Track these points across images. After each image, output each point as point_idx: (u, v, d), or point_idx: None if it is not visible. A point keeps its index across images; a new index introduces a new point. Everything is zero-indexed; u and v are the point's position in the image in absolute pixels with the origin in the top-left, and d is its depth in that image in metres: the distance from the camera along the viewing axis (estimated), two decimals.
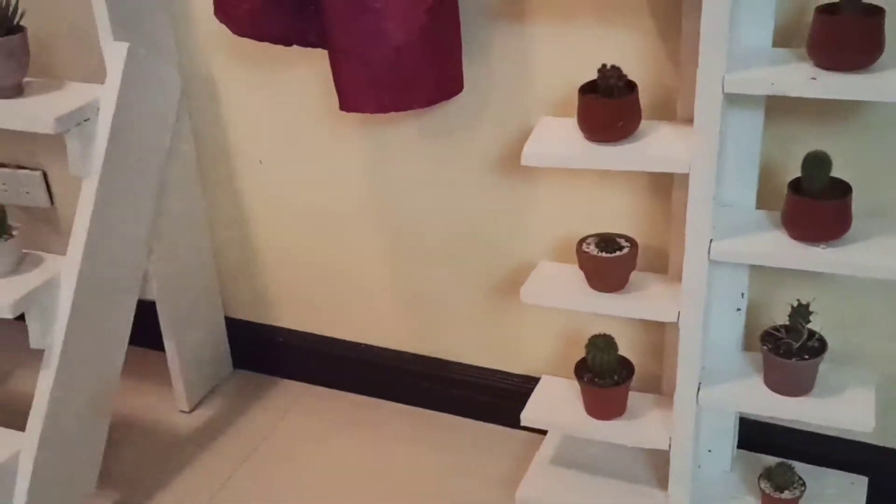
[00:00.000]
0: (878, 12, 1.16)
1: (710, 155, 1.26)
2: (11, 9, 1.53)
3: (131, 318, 1.69)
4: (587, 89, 1.34)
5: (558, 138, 1.38)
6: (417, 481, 1.72)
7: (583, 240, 1.46)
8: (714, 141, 1.25)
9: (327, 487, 1.72)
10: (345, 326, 1.91)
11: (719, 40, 1.18)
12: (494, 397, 1.80)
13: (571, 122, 1.38)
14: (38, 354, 1.53)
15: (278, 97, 1.73)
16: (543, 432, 1.71)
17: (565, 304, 1.48)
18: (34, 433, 1.51)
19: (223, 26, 1.53)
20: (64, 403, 1.55)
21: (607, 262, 1.43)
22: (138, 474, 1.77)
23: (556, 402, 1.60)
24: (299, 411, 1.92)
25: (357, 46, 1.40)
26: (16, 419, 1.56)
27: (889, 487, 1.57)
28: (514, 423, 1.62)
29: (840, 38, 1.17)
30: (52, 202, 2.05)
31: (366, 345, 1.91)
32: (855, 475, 1.57)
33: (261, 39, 1.46)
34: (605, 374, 1.52)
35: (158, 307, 1.81)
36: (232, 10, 1.42)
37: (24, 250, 1.56)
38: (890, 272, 1.25)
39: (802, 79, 1.18)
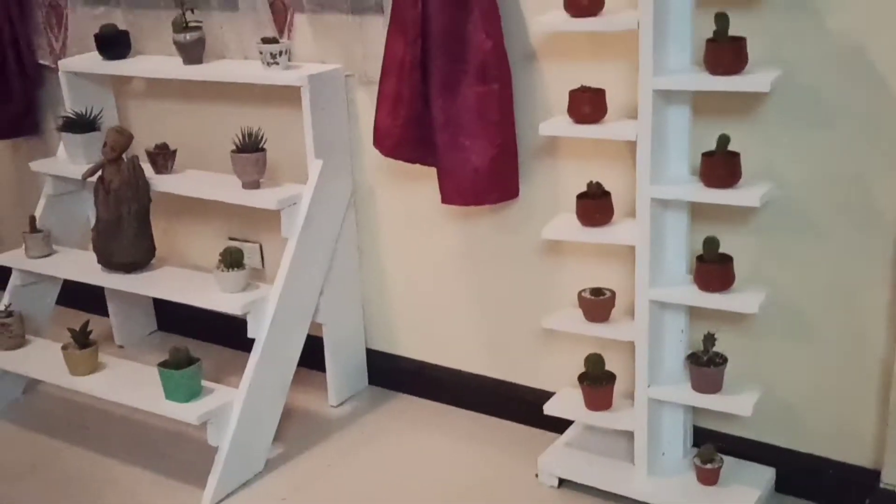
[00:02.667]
0: (742, 39, 1.98)
1: (646, 235, 2.14)
2: (260, 137, 2.61)
3: (305, 333, 2.68)
4: (582, 196, 2.26)
5: (566, 224, 2.29)
6: (471, 467, 2.58)
7: (582, 290, 2.34)
8: (647, 227, 2.12)
9: (412, 468, 2.58)
10: (442, 355, 2.83)
11: (646, 171, 2.08)
12: (535, 406, 2.65)
13: (574, 216, 2.29)
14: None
15: (408, 198, 2.73)
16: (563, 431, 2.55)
17: (568, 328, 2.35)
18: (243, 391, 2.49)
19: (379, 154, 2.57)
20: (262, 376, 2.52)
21: (595, 303, 2.31)
22: (298, 439, 2.71)
23: (568, 402, 2.44)
24: (406, 415, 2.82)
25: (452, 166, 2.39)
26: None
27: (790, 475, 2.30)
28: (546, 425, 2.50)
29: (719, 56, 1.99)
30: (263, 265, 3.10)
31: (453, 368, 2.82)
32: (767, 467, 2.32)
33: (397, 159, 2.48)
34: (596, 380, 2.36)
35: (324, 331, 2.79)
36: (383, 141, 2.46)
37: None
38: (749, 309, 2.08)
39: (696, 80, 2.01)
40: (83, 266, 2.81)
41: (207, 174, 2.85)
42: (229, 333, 3.13)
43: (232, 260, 2.54)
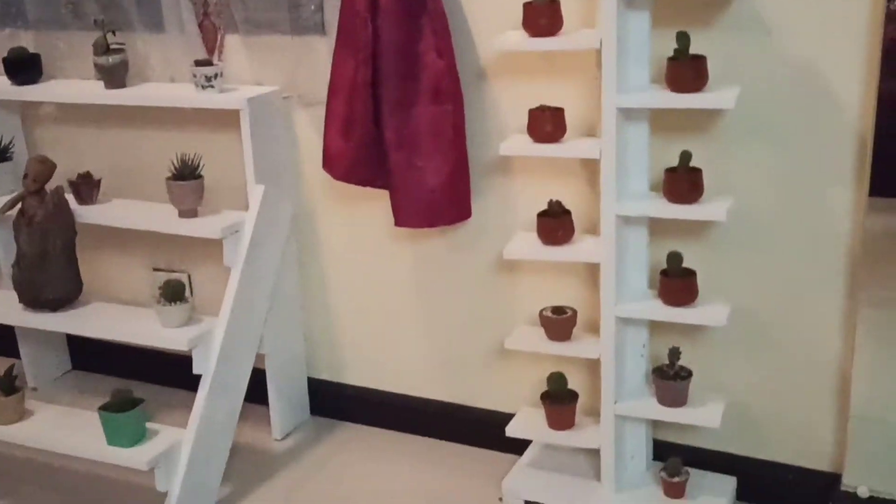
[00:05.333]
0: (702, 58, 2.02)
1: (611, 252, 2.14)
2: (197, 164, 2.49)
3: (251, 365, 2.57)
4: (542, 214, 2.24)
5: (526, 243, 2.28)
6: (432, 495, 2.53)
7: (543, 309, 2.33)
8: (613, 244, 2.13)
9: (368, 499, 2.51)
10: (391, 380, 2.76)
11: (611, 188, 2.09)
12: (493, 428, 2.62)
13: (534, 235, 2.27)
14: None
15: (353, 221, 2.66)
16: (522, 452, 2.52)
17: (531, 348, 2.33)
18: (192, 430, 2.36)
19: (322, 176, 2.49)
20: (211, 413, 2.40)
21: (557, 322, 2.30)
22: (245, 476, 2.59)
23: (529, 422, 2.42)
24: (355, 444, 2.74)
25: (407, 187, 2.34)
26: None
27: (751, 483, 2.34)
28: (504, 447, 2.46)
29: (680, 74, 2.02)
30: (191, 295, 2.96)
31: (404, 394, 2.75)
32: (728, 476, 2.36)
33: (350, 182, 2.41)
34: (559, 398, 2.35)
35: (266, 361, 2.68)
36: (335, 164, 2.38)
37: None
38: (717, 322, 2.11)
39: (660, 98, 2.04)
40: (4, 305, 2.61)
41: (136, 203, 2.70)
42: (154, 369, 3.00)
43: (173, 293, 2.42)
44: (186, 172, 2.48)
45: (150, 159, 2.82)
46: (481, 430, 2.64)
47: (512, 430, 2.40)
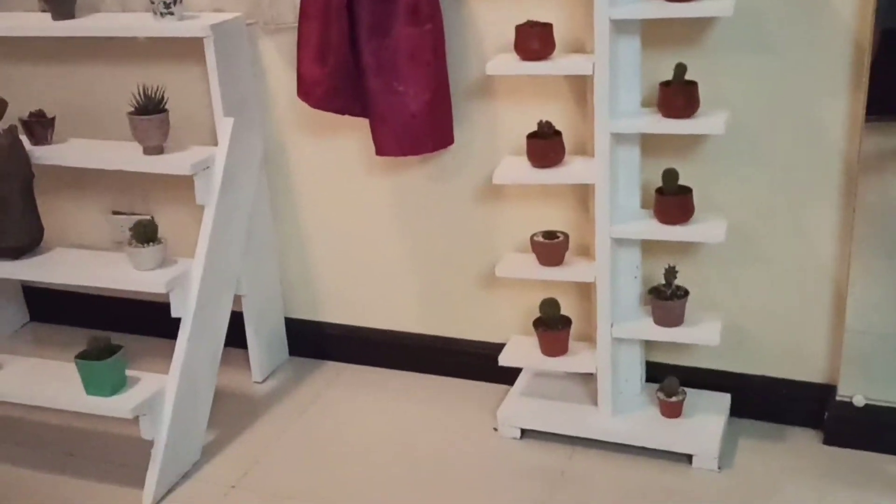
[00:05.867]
0: (694, 84, 2.00)
1: (606, 171, 2.08)
2: (160, 96, 2.35)
3: (230, 306, 2.47)
4: (532, 136, 2.17)
5: (516, 167, 2.20)
6: (425, 427, 2.48)
7: (533, 234, 2.27)
8: (607, 163, 2.07)
9: (360, 435, 2.46)
10: (373, 317, 2.69)
11: (605, 105, 2.02)
12: (479, 359, 2.57)
13: (523, 159, 2.20)
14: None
15: (326, 153, 2.55)
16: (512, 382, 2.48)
17: (523, 275, 2.27)
18: (175, 376, 2.26)
19: (292, 108, 2.37)
20: (193, 357, 2.30)
21: (549, 247, 2.24)
22: (229, 420, 2.51)
23: (522, 350, 2.38)
24: (339, 382, 2.67)
25: (388, 114, 2.24)
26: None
27: (746, 400, 2.34)
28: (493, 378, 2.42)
29: (672, 99, 2.00)
30: None
31: (388, 330, 2.68)
32: (722, 393, 2.35)
33: (327, 110, 2.29)
34: (552, 324, 2.30)
35: (244, 302, 2.58)
36: (311, 92, 2.26)
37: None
38: (716, 238, 2.07)
39: (651, 122, 2.02)
40: None
41: (95, 142, 2.56)
42: (120, 317, 2.88)
43: (146, 233, 2.29)
44: (150, 106, 2.34)
45: (105, 96, 2.66)
46: (468, 362, 2.59)
47: (505, 359, 2.35)
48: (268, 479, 2.28)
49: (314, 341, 2.78)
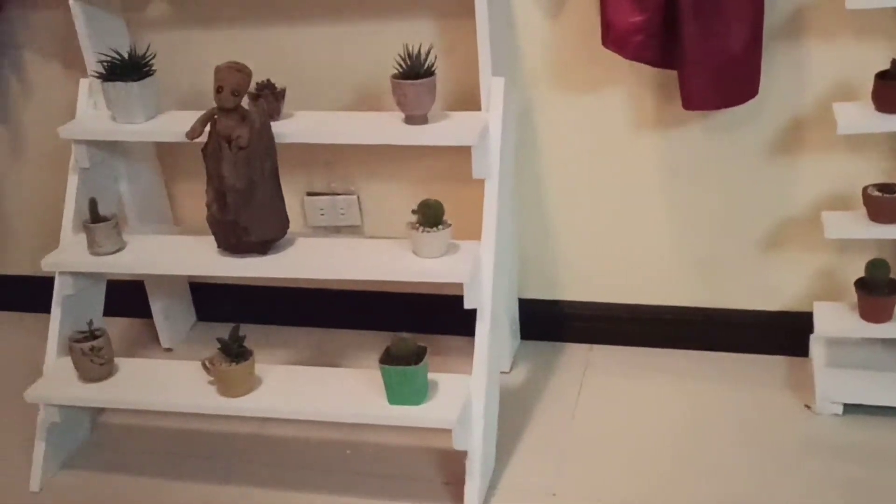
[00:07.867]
0: None
1: None
2: (428, 58, 2.03)
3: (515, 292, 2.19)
4: (881, 76, 1.93)
5: (857, 114, 1.97)
6: (722, 409, 2.25)
7: (866, 186, 2.04)
8: None
9: (652, 423, 2.22)
10: (624, 292, 2.44)
11: None
12: (762, 331, 2.35)
13: (864, 103, 1.97)
14: None
15: (579, 114, 2.27)
16: (798, 356, 2.28)
17: (857, 234, 2.05)
18: (481, 376, 1.97)
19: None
20: (493, 352, 2.02)
21: (886, 201, 2.02)
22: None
23: (833, 317, 2.16)
24: (595, 366, 2.42)
25: (707, 58, 1.97)
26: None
27: None
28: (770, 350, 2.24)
29: None
30: (361, 220, 2.52)
31: (644, 304, 2.44)
32: None
33: (642, 61, 2.02)
34: (879, 288, 2.09)
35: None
36: (627, 40, 1.98)
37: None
38: None
39: None
40: (200, 254, 2.11)
41: (327, 114, 2.23)
42: (285, 310, 2.65)
43: (436, 216, 1.99)
44: (420, 68, 2.03)
45: (312, 64, 2.33)
46: (741, 334, 2.36)
47: (821, 328, 2.14)
48: (585, 483, 2.03)
49: (549, 322, 2.51)
